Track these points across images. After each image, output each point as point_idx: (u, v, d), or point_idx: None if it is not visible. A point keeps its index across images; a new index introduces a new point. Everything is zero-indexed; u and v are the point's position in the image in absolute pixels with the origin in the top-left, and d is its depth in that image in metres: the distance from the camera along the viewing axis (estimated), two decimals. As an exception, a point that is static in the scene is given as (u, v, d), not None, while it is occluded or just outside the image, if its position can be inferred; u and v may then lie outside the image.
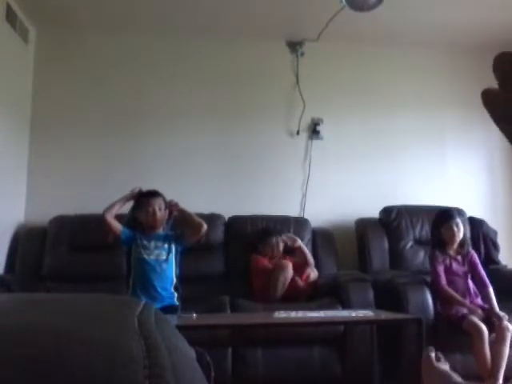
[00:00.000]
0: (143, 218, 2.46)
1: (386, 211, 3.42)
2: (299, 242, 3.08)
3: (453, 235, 2.71)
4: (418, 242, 3.33)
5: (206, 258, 3.15)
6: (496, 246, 3.31)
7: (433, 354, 1.16)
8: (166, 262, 2.44)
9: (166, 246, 2.45)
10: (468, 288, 2.70)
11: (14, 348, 0.30)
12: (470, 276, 2.74)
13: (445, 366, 1.18)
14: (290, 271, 2.86)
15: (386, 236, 3.34)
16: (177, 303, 2.45)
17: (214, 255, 3.18)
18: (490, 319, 2.51)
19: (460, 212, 2.74)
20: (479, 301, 2.67)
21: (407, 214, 3.37)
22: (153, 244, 2.45)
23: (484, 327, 2.42)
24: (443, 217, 2.78)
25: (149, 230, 2.49)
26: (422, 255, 3.26)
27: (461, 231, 2.72)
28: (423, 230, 3.33)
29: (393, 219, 3.37)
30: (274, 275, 2.85)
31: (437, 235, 2.79)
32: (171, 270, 2.47)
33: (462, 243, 2.75)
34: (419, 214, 3.36)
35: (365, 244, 3.33)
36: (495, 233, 3.37)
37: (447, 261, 2.72)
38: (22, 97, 3.39)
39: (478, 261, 2.77)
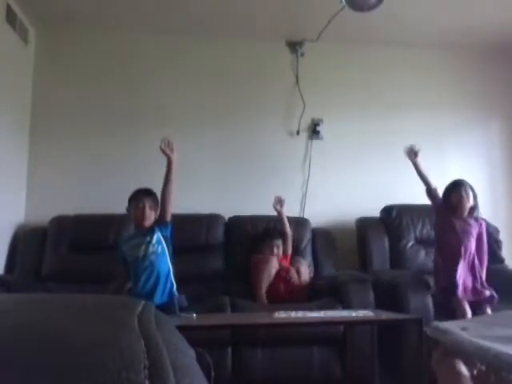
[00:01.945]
0: (133, 212, 2.46)
1: (387, 210, 3.42)
2: (283, 210, 3.10)
3: (462, 200, 2.74)
4: (419, 241, 3.33)
5: (206, 257, 3.15)
6: (498, 244, 3.32)
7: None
8: (156, 254, 2.40)
9: (148, 238, 2.40)
10: (470, 260, 2.70)
11: (14, 348, 0.30)
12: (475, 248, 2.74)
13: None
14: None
15: (387, 235, 3.34)
16: (175, 294, 2.43)
17: (214, 255, 3.17)
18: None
19: (470, 185, 2.81)
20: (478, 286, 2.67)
21: (408, 213, 3.38)
22: (138, 241, 2.43)
23: (469, 315, 2.45)
24: (452, 184, 2.82)
25: (137, 226, 2.49)
26: (423, 254, 3.27)
27: (470, 197, 2.75)
28: (424, 228, 3.34)
29: (393, 218, 3.37)
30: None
31: (448, 203, 2.81)
32: (164, 261, 2.43)
33: (472, 210, 2.77)
34: (420, 213, 3.36)
35: (365, 243, 3.33)
36: (497, 230, 3.38)
37: (452, 217, 2.75)
38: (21, 97, 3.39)
39: (484, 234, 2.80)
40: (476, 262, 2.70)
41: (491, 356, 1.16)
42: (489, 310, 2.62)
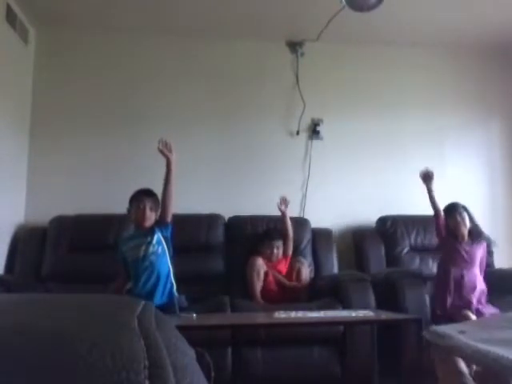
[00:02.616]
0: (133, 212, 2.46)
1: (382, 220, 3.45)
2: (287, 211, 3.09)
3: (457, 225, 2.75)
4: (414, 248, 3.36)
5: (206, 258, 3.15)
6: (489, 252, 3.32)
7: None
8: (156, 254, 2.40)
9: (149, 239, 2.40)
10: (473, 281, 2.70)
11: (14, 348, 0.30)
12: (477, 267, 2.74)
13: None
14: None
15: (383, 243, 3.37)
16: (175, 294, 2.42)
17: (214, 255, 3.18)
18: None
19: (464, 207, 2.81)
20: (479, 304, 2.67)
21: (402, 222, 3.41)
22: (138, 241, 2.43)
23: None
24: (448, 209, 2.83)
25: (137, 226, 2.50)
26: (417, 260, 3.31)
27: (465, 221, 2.76)
28: (418, 237, 3.38)
29: (388, 227, 3.40)
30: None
31: (448, 229, 2.82)
32: (165, 261, 2.43)
33: (471, 233, 2.78)
34: (414, 222, 3.39)
35: (362, 251, 3.36)
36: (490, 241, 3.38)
37: (457, 244, 2.75)
38: (21, 97, 3.39)
39: (485, 256, 2.82)
40: (480, 287, 2.70)
41: (490, 360, 1.16)
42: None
